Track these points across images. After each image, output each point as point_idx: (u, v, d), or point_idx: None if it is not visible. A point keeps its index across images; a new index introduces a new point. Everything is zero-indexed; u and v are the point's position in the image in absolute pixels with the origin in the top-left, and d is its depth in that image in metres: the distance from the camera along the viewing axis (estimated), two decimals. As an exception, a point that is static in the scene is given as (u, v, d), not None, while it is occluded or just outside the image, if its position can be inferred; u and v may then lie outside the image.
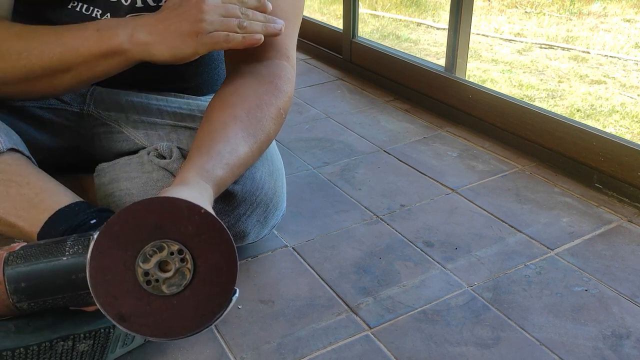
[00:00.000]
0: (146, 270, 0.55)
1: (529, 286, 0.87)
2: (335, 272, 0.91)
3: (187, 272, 0.56)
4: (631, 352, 0.75)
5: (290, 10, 0.82)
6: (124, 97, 0.92)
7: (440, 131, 1.37)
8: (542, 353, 0.76)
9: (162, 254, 0.56)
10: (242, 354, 0.76)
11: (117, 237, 0.55)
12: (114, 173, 0.87)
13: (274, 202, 0.88)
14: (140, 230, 0.56)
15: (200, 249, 0.56)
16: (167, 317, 0.56)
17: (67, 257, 0.62)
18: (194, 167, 0.67)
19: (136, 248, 0.56)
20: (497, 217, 1.04)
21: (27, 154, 0.80)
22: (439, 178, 1.17)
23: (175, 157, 0.83)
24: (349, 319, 0.82)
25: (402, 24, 2.99)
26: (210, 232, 0.56)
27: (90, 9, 0.84)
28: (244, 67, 0.79)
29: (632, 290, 0.86)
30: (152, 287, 0.56)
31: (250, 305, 0.84)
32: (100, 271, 0.55)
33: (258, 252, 0.96)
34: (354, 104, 1.53)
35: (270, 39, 0.80)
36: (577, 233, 0.99)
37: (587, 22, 2.87)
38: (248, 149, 0.72)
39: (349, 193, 1.12)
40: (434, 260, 0.93)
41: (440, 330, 0.79)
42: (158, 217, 0.56)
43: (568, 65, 2.33)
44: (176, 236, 0.56)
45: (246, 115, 0.73)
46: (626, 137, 1.46)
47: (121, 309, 0.55)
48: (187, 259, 0.56)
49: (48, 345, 0.64)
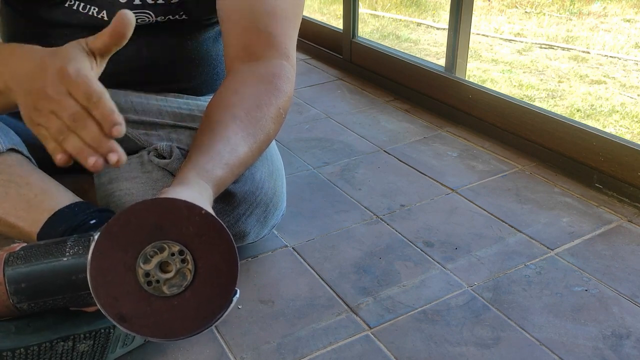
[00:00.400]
0: (147, 271, 0.55)
1: (529, 286, 0.87)
2: (335, 272, 0.91)
3: (187, 273, 0.56)
4: (631, 352, 0.75)
5: (290, 10, 0.82)
6: (123, 98, 0.92)
7: (440, 131, 1.37)
8: (542, 353, 0.76)
9: (163, 255, 0.56)
10: (242, 354, 0.76)
11: (117, 238, 0.55)
12: (114, 173, 0.87)
13: (273, 202, 0.88)
14: (140, 231, 0.56)
15: (200, 249, 0.56)
16: (167, 318, 0.56)
17: (68, 257, 0.62)
18: (193, 167, 0.67)
19: (137, 249, 0.56)
20: (497, 217, 1.04)
21: (27, 154, 0.80)
22: (439, 178, 1.17)
23: (175, 157, 0.83)
24: (349, 319, 0.82)
25: (402, 24, 2.99)
26: (210, 232, 0.56)
27: (87, 7, 0.84)
28: (244, 67, 0.79)
29: (632, 290, 0.86)
30: (153, 288, 0.56)
31: (250, 305, 0.84)
32: (101, 272, 0.55)
33: (258, 252, 0.96)
34: (354, 104, 1.53)
35: (270, 38, 0.80)
36: (577, 233, 0.99)
37: (587, 22, 2.87)
38: (248, 149, 0.72)
39: (349, 193, 1.12)
40: (434, 260, 0.93)
41: (440, 330, 0.79)
42: (158, 217, 0.56)
43: (568, 65, 2.33)
44: (177, 237, 0.56)
45: (246, 115, 0.73)
46: (626, 137, 1.46)
47: (122, 309, 0.55)
48: (187, 260, 0.56)
49: (48, 345, 0.64)
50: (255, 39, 0.79)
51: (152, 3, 0.84)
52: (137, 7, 0.84)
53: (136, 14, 0.85)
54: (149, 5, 0.84)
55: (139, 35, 0.89)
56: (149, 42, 0.89)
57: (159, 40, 0.90)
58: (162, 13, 0.86)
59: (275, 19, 0.79)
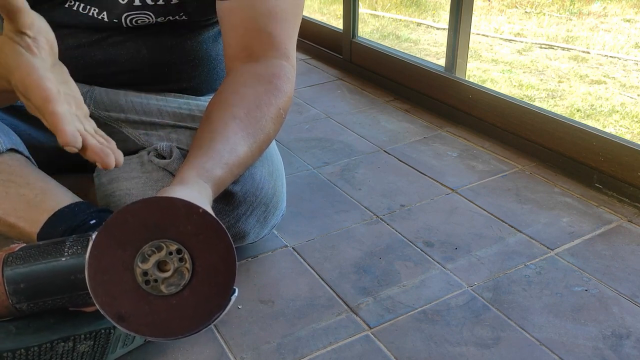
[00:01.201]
0: (145, 270, 0.55)
1: (529, 286, 0.87)
2: (335, 272, 0.91)
3: (185, 272, 0.56)
4: (631, 352, 0.75)
5: (290, 10, 0.82)
6: (123, 98, 0.92)
7: (440, 131, 1.37)
8: (542, 353, 0.76)
9: (161, 254, 0.56)
10: (242, 354, 0.76)
11: (115, 237, 0.55)
12: (114, 173, 0.87)
13: (273, 202, 0.88)
14: (138, 230, 0.55)
15: (198, 248, 0.56)
16: (166, 317, 0.56)
17: (66, 257, 0.62)
18: (192, 167, 0.67)
19: (135, 248, 0.56)
20: (497, 217, 1.04)
21: (27, 154, 0.80)
22: (439, 178, 1.17)
23: (175, 157, 0.83)
24: (349, 319, 0.82)
25: (402, 24, 2.99)
26: (208, 232, 0.56)
27: (87, 8, 0.84)
28: (244, 67, 0.79)
29: (632, 290, 0.86)
30: (151, 287, 0.56)
31: (250, 305, 0.84)
32: (99, 271, 0.55)
33: (258, 252, 0.96)
34: (354, 104, 1.53)
35: (270, 39, 0.80)
36: (577, 233, 0.99)
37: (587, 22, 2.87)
38: (247, 149, 0.72)
39: (349, 193, 1.12)
40: (434, 260, 0.93)
41: (440, 330, 0.79)
42: (156, 216, 0.55)
43: (568, 65, 2.33)
44: (174, 236, 0.56)
45: (245, 115, 0.73)
46: (626, 137, 1.46)
47: (120, 309, 0.55)
48: (185, 259, 0.56)
49: (49, 346, 0.64)
50: (255, 39, 0.79)
51: (152, 4, 0.84)
52: (137, 8, 0.84)
53: (136, 15, 0.85)
54: (149, 6, 0.84)
55: (139, 35, 0.89)
56: (149, 43, 0.90)
57: (158, 41, 0.90)
58: (162, 14, 0.86)
59: (275, 19, 0.79)
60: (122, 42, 0.88)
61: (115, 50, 0.89)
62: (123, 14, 0.84)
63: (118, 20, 0.85)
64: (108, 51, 0.89)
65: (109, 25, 0.86)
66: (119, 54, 0.90)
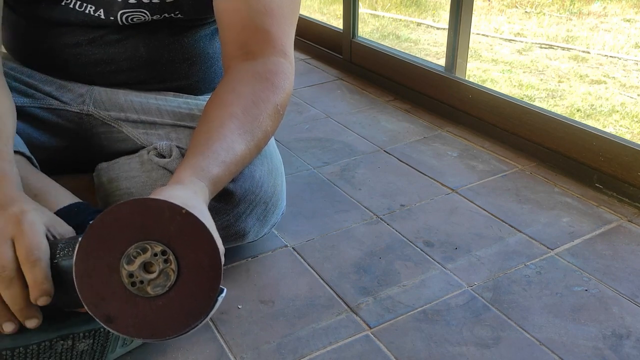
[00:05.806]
0: (131, 272, 0.55)
1: (529, 286, 0.87)
2: (335, 272, 0.91)
3: (171, 273, 0.56)
4: (631, 352, 0.75)
5: (287, 7, 0.81)
6: (123, 97, 0.92)
7: (440, 131, 1.37)
8: (542, 353, 0.75)
9: (146, 256, 0.55)
10: (242, 354, 0.76)
11: (101, 239, 0.55)
12: (114, 172, 0.87)
13: (273, 201, 0.88)
14: (123, 232, 0.55)
15: (183, 249, 0.56)
16: (153, 318, 0.56)
17: (58, 259, 0.62)
18: (189, 166, 0.67)
19: (120, 250, 0.55)
20: (497, 217, 1.04)
21: (28, 154, 0.80)
22: (439, 178, 1.17)
23: (175, 156, 0.83)
24: (349, 319, 0.82)
25: (402, 23, 2.99)
26: (192, 232, 0.56)
27: (83, 6, 0.84)
28: (241, 65, 0.79)
29: (632, 290, 0.86)
30: (138, 289, 0.56)
31: (250, 305, 0.84)
32: (86, 273, 0.55)
33: (258, 252, 0.96)
34: (354, 104, 1.53)
35: (267, 36, 0.79)
36: (577, 233, 0.99)
37: (587, 22, 2.87)
38: (245, 147, 0.72)
39: (349, 193, 1.12)
40: (434, 260, 0.93)
41: (440, 330, 0.79)
42: (141, 218, 0.55)
43: (568, 65, 2.33)
44: (159, 237, 0.56)
45: (242, 113, 0.73)
46: (626, 137, 1.46)
47: (108, 310, 0.55)
48: (170, 260, 0.56)
49: (48, 344, 0.64)
50: (252, 37, 0.79)
51: (147, 2, 0.84)
52: (132, 5, 0.84)
53: (132, 13, 0.85)
54: (144, 4, 0.84)
55: (136, 33, 0.89)
56: (146, 41, 0.90)
57: (155, 39, 0.90)
58: (158, 12, 0.86)
59: (271, 17, 0.79)
60: (120, 41, 0.88)
61: (113, 49, 0.89)
62: (119, 11, 0.84)
63: (114, 18, 0.85)
64: (106, 49, 0.89)
65: (105, 22, 0.86)
66: (117, 52, 0.90)
